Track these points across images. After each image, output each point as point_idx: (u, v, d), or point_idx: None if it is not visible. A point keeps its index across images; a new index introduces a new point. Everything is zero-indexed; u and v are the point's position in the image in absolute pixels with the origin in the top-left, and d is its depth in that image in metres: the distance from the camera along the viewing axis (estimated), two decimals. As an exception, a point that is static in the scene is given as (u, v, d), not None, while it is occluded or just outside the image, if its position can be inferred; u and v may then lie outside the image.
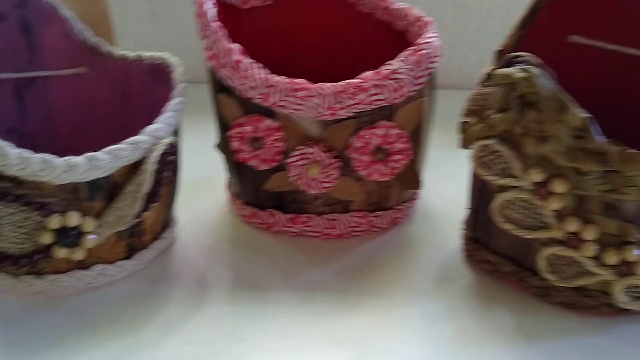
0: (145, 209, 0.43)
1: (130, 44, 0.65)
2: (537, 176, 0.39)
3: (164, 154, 0.43)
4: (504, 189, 0.41)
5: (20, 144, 0.40)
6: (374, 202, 0.48)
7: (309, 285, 0.44)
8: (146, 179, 0.42)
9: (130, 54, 0.49)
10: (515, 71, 0.38)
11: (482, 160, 0.41)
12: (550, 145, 0.38)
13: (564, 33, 0.48)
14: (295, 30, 0.54)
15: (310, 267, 0.46)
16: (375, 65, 0.53)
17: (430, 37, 0.46)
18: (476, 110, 0.42)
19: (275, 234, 0.50)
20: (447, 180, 0.55)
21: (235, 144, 0.47)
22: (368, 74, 0.44)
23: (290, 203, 0.48)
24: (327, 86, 0.44)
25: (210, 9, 0.47)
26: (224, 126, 0.48)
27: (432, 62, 0.46)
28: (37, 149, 0.40)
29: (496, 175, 0.41)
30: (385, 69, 0.44)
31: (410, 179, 0.48)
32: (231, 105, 0.46)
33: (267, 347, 0.39)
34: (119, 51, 0.49)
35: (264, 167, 0.47)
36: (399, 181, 0.47)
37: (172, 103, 0.44)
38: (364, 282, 0.45)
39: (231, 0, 0.52)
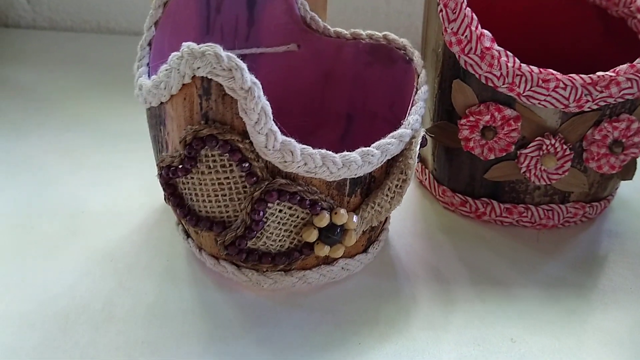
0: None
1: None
2: None
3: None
4: None
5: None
6: (592, 193, 0.48)
7: (550, 280, 0.44)
8: (411, 174, 0.40)
9: (345, 31, 0.46)
10: None
11: None
12: None
13: None
14: (498, 11, 0.52)
15: (541, 260, 0.45)
16: (577, 50, 0.51)
17: (669, 29, 0.45)
18: None
19: (484, 222, 0.49)
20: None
21: (465, 132, 0.45)
22: (622, 67, 0.43)
23: (507, 193, 0.47)
24: (579, 78, 0.42)
25: None
26: (448, 112, 0.46)
27: (673, 55, 0.45)
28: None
29: None
30: (638, 63, 0.43)
31: (629, 170, 0.47)
32: (467, 93, 0.44)
33: (543, 348, 0.39)
34: (334, 28, 0.46)
35: (491, 156, 0.45)
36: (619, 172, 0.47)
37: (421, 91, 0.42)
38: (601, 277, 0.44)
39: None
